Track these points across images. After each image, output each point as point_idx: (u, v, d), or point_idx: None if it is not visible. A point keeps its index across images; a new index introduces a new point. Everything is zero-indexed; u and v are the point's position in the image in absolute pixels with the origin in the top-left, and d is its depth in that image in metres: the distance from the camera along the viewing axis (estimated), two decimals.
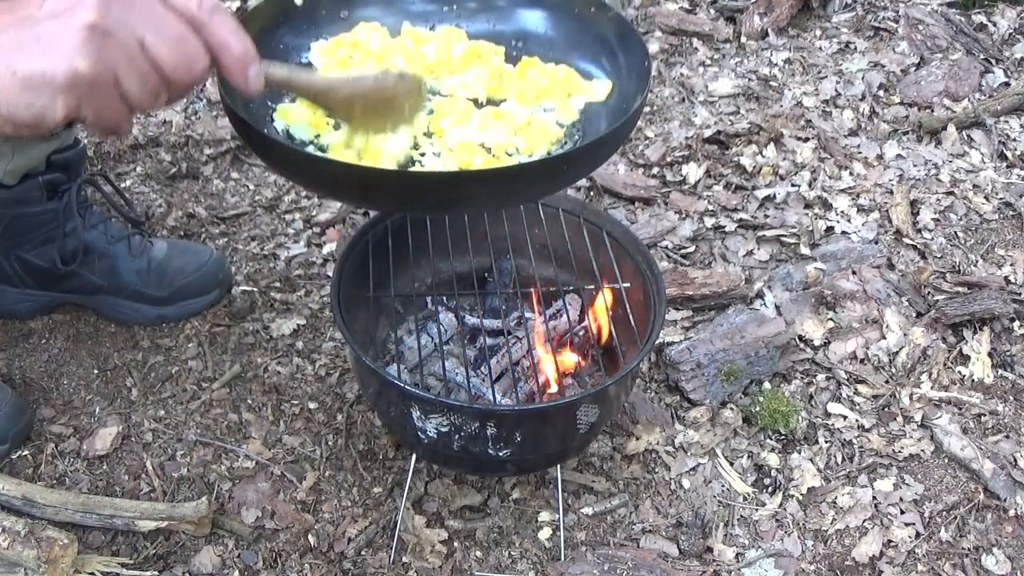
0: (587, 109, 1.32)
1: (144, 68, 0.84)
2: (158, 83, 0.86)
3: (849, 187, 2.39)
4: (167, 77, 0.86)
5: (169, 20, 0.86)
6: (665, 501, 1.72)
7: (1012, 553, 1.67)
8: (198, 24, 0.87)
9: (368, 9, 1.40)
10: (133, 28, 0.83)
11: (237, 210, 2.25)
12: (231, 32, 0.90)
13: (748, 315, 1.95)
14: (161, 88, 0.86)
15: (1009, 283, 2.14)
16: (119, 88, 0.83)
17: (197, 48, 0.88)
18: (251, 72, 0.92)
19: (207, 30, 0.88)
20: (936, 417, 1.87)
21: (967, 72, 2.72)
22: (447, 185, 1.08)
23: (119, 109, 0.85)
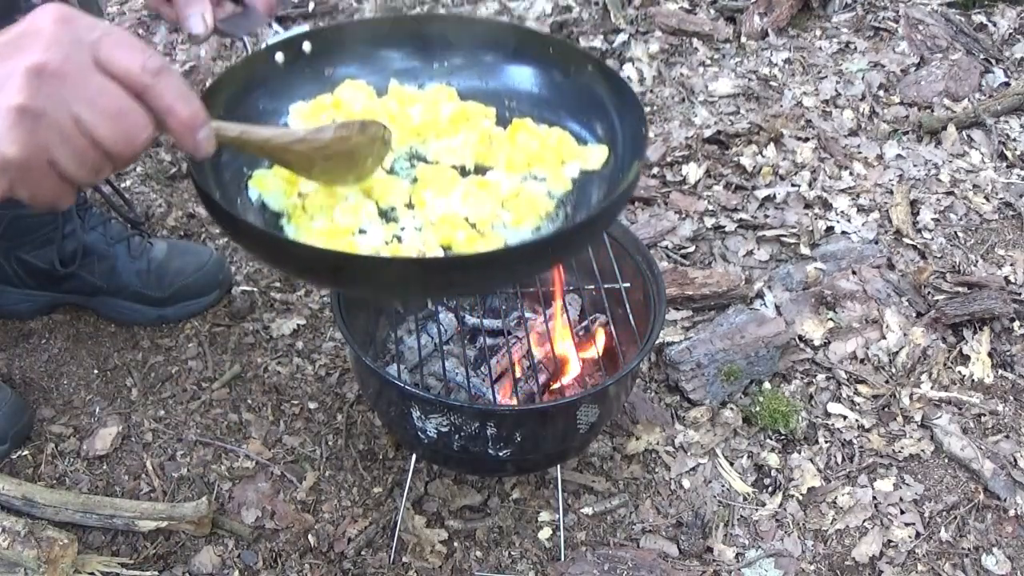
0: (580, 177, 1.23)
1: (81, 145, 0.79)
2: (98, 159, 0.81)
3: (849, 187, 2.39)
4: (107, 151, 0.81)
5: (107, 91, 0.80)
6: (665, 501, 1.72)
7: (1012, 553, 1.67)
8: (140, 88, 0.81)
9: (353, 66, 1.31)
10: (67, 104, 0.78)
11: None
12: (177, 95, 0.83)
13: (748, 315, 1.95)
14: (102, 163, 0.82)
15: (1009, 283, 2.14)
16: (55, 168, 0.79)
17: (139, 118, 0.82)
18: (200, 136, 0.87)
19: (150, 94, 0.82)
20: (936, 417, 1.87)
21: (967, 72, 2.72)
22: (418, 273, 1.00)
23: (56, 188, 0.81)
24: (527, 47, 1.32)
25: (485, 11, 2.95)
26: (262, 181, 1.16)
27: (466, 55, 1.33)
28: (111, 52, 0.80)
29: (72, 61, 0.78)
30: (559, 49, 1.30)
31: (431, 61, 1.34)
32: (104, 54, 0.80)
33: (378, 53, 1.32)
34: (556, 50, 1.30)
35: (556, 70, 1.30)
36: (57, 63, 0.78)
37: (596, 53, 2.81)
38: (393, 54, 1.33)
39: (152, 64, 0.82)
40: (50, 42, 0.78)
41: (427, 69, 1.34)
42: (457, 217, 1.14)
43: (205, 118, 0.87)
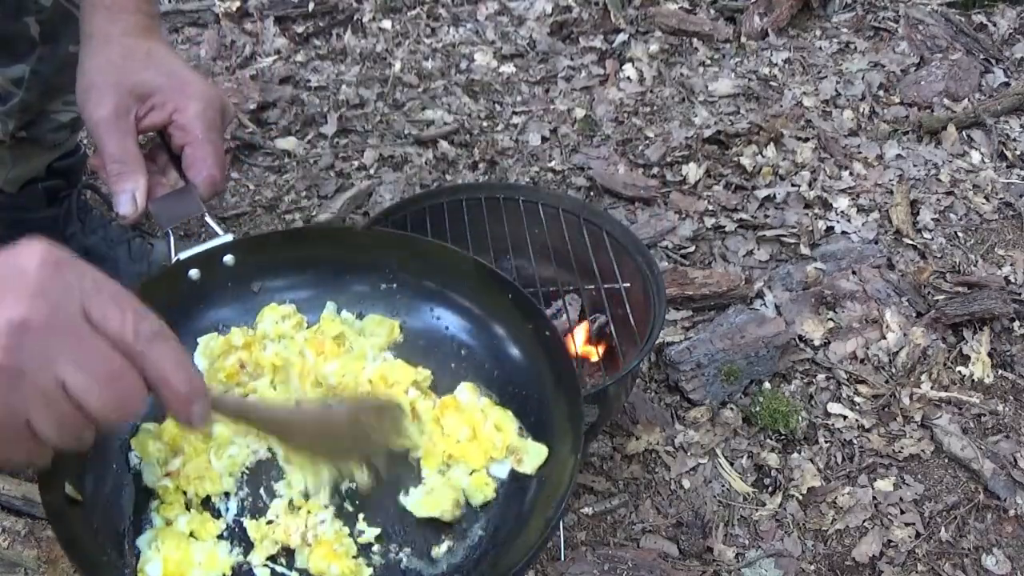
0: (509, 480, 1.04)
1: (64, 410, 0.70)
2: (81, 424, 0.71)
3: (849, 187, 2.39)
4: (93, 417, 0.71)
5: (99, 351, 0.70)
6: (665, 501, 1.72)
7: (1012, 553, 1.67)
8: (133, 355, 0.72)
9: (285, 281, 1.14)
10: (51, 364, 0.68)
11: (237, 210, 2.25)
12: (173, 365, 0.75)
13: (748, 315, 1.95)
14: (86, 428, 0.72)
15: (1009, 283, 2.14)
16: (31, 430, 0.70)
17: (133, 383, 0.73)
18: (195, 409, 0.77)
19: (143, 361, 0.73)
20: (936, 417, 1.87)
21: (967, 72, 2.71)
22: None
23: (31, 450, 0.72)
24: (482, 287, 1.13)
25: (485, 11, 2.95)
26: (143, 445, 1.01)
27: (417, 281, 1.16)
28: (103, 308, 0.71)
29: (60, 315, 0.69)
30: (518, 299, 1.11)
31: (379, 282, 1.16)
32: (95, 309, 0.71)
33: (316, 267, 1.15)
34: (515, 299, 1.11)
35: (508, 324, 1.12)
36: (42, 317, 0.68)
37: (596, 53, 2.82)
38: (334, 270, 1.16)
39: (146, 328, 0.73)
40: (36, 291, 0.69)
41: (372, 293, 1.15)
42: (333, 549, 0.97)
43: (202, 391, 0.78)
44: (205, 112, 1.09)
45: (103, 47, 1.12)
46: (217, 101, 1.12)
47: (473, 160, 2.43)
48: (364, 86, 2.65)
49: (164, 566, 0.92)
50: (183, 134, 1.09)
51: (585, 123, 2.58)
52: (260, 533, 0.98)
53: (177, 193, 1.10)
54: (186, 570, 0.93)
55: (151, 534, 0.97)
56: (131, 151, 1.08)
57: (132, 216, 1.07)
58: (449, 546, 0.98)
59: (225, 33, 2.79)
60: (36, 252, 0.70)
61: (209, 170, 1.09)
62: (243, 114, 2.51)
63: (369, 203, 2.27)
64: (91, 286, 0.72)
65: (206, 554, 0.95)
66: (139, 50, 1.12)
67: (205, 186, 1.09)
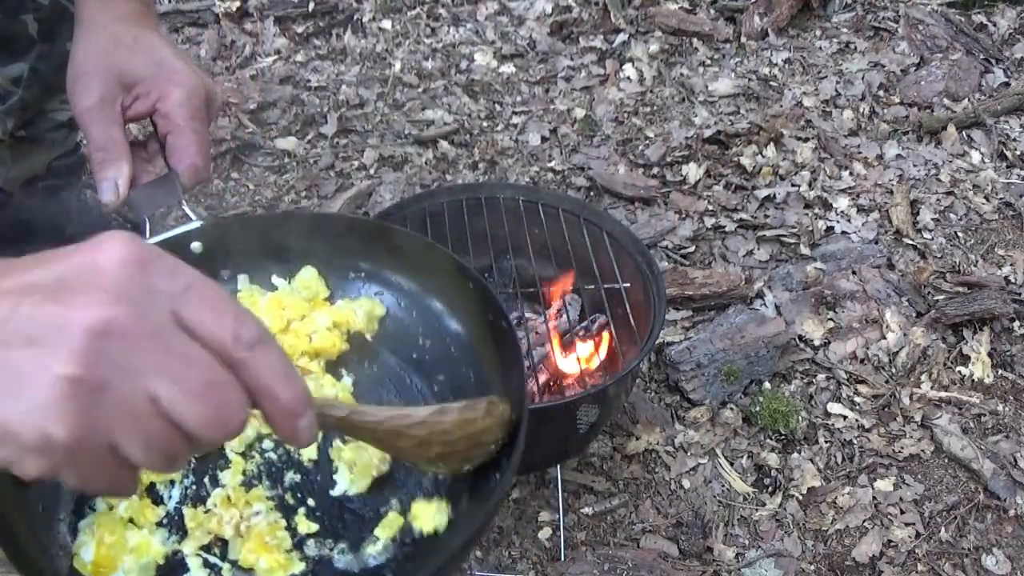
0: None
1: (155, 428, 0.60)
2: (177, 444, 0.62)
3: (849, 187, 2.39)
4: (192, 436, 0.61)
5: (194, 360, 0.61)
6: (665, 501, 1.72)
7: (1012, 553, 1.67)
8: (233, 364, 0.63)
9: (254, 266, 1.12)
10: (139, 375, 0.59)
11: (237, 210, 2.25)
12: (277, 374, 0.65)
13: (748, 315, 1.95)
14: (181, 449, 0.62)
15: (1009, 283, 2.14)
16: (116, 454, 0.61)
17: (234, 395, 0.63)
18: (302, 424, 0.67)
19: (246, 371, 0.64)
20: (936, 417, 1.87)
21: (967, 72, 2.71)
22: None
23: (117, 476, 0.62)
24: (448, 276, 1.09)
25: (485, 11, 2.95)
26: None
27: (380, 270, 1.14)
28: (199, 313, 0.62)
29: (148, 320, 0.60)
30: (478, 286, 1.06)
31: (347, 271, 1.14)
32: (189, 313, 0.62)
33: (286, 254, 1.12)
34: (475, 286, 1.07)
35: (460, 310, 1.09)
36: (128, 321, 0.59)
37: (596, 53, 2.82)
38: (303, 257, 1.13)
39: (248, 334, 0.63)
40: (119, 291, 0.59)
41: (342, 281, 1.13)
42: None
43: (309, 403, 0.68)
44: (189, 100, 1.08)
45: (92, 35, 1.12)
46: (202, 90, 1.10)
47: (473, 160, 2.43)
48: (364, 86, 2.65)
49: (96, 550, 0.90)
50: (166, 122, 1.08)
51: (585, 123, 2.58)
52: (195, 522, 0.97)
53: (158, 181, 1.10)
54: (118, 555, 0.90)
55: (91, 519, 0.94)
56: (116, 139, 1.07)
57: (113, 204, 1.06)
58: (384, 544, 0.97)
59: (225, 33, 2.79)
60: (117, 248, 0.61)
61: (191, 159, 1.07)
62: (243, 114, 2.51)
63: (369, 203, 2.27)
64: (182, 286, 0.62)
65: (139, 540, 0.92)
66: (127, 38, 1.11)
67: (187, 175, 1.08)
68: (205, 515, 0.98)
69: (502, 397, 0.97)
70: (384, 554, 0.97)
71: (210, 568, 0.95)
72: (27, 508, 0.92)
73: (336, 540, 0.98)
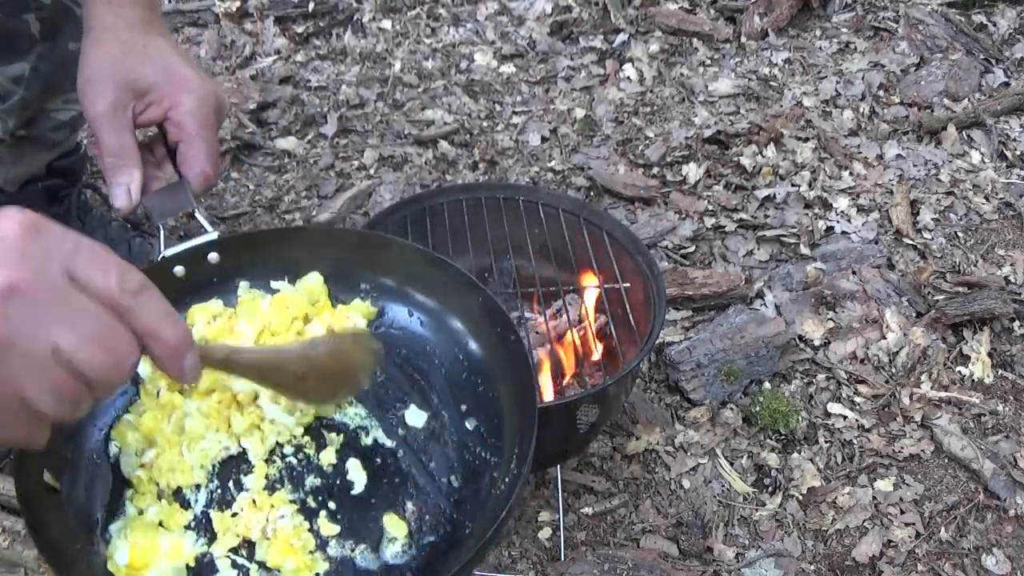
0: None
1: (60, 378, 0.68)
2: (78, 390, 0.70)
3: (849, 187, 2.39)
4: (91, 382, 0.70)
5: (87, 311, 0.69)
6: (665, 501, 1.72)
7: (1012, 553, 1.67)
8: (121, 311, 0.71)
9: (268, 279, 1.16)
10: (41, 330, 0.66)
11: (237, 210, 2.25)
12: (161, 317, 0.74)
13: (748, 315, 1.95)
14: (84, 395, 0.70)
15: (1009, 283, 2.14)
16: (26, 405, 0.68)
17: (125, 340, 0.71)
18: (186, 363, 0.77)
19: (131, 316, 0.72)
20: (936, 417, 1.87)
21: (967, 72, 2.71)
22: None
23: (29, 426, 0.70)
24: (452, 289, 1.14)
25: (485, 11, 2.95)
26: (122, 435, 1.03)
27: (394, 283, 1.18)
28: (86, 268, 0.70)
29: (44, 279, 0.67)
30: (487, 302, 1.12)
31: (358, 282, 1.18)
32: (79, 270, 0.69)
33: (300, 267, 1.17)
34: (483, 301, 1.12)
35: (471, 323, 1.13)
36: (27, 282, 0.66)
37: (596, 53, 2.82)
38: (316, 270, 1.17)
39: (131, 283, 0.72)
40: (17, 257, 0.66)
41: (353, 293, 1.18)
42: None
43: (191, 342, 0.78)
44: (200, 109, 1.11)
45: (103, 41, 1.13)
46: (212, 98, 1.13)
47: (473, 160, 2.43)
48: (364, 86, 2.65)
49: (131, 554, 0.94)
50: (177, 130, 1.11)
51: (585, 123, 2.58)
52: (224, 525, 1.00)
53: (170, 188, 1.12)
54: (151, 558, 0.94)
55: (122, 522, 0.98)
56: (128, 145, 1.09)
57: (126, 209, 1.09)
58: (402, 546, 1.01)
59: (225, 33, 2.79)
60: (13, 218, 0.68)
61: (202, 166, 1.10)
62: (243, 114, 2.51)
63: (369, 203, 2.27)
64: (71, 247, 0.70)
65: (171, 544, 0.96)
66: (138, 45, 1.13)
67: (198, 182, 1.11)
68: (232, 518, 1.00)
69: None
70: (404, 555, 1.00)
71: (238, 569, 0.97)
72: (62, 512, 0.94)
73: (357, 541, 1.01)
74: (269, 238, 1.23)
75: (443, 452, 1.08)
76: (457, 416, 1.11)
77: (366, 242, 1.21)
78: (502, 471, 1.03)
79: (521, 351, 1.07)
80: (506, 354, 1.09)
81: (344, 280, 1.17)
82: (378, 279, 1.18)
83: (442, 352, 1.15)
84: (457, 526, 1.02)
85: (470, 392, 1.11)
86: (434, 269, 1.17)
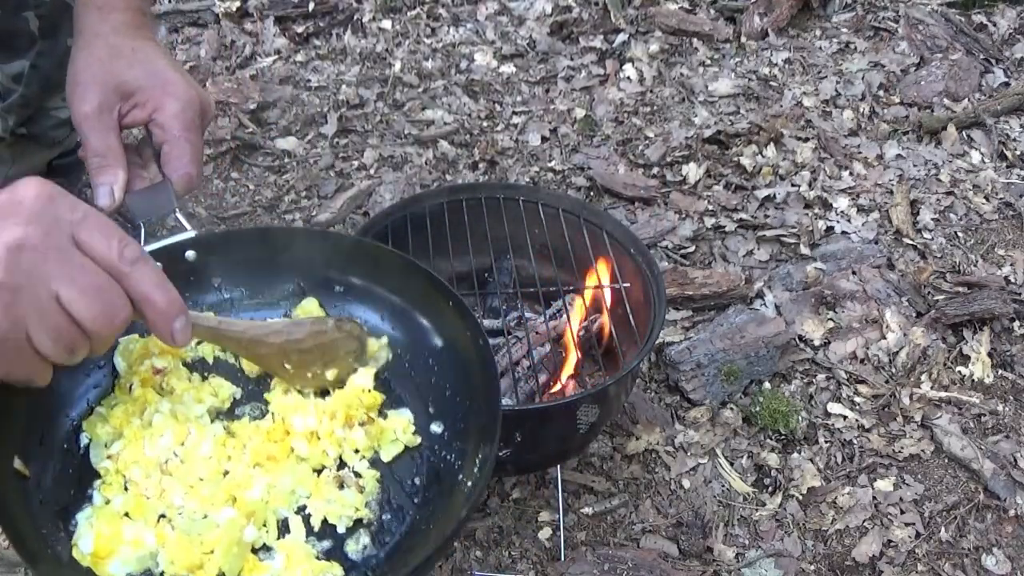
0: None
1: (59, 323, 0.79)
2: (75, 336, 0.81)
3: (849, 187, 2.39)
4: (87, 330, 0.80)
5: (87, 269, 0.80)
6: (665, 501, 1.72)
7: (1012, 553, 1.67)
8: (119, 275, 0.82)
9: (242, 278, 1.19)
10: (46, 280, 0.78)
11: (237, 210, 2.25)
12: (154, 284, 0.84)
13: (748, 315, 1.95)
14: (79, 341, 0.81)
15: (1009, 283, 2.14)
16: (30, 344, 0.79)
17: (118, 297, 0.82)
18: (176, 325, 0.87)
19: (128, 282, 0.82)
20: (936, 417, 1.87)
21: (967, 72, 2.71)
22: None
23: (32, 365, 0.81)
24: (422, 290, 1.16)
25: (485, 11, 2.95)
26: (93, 427, 1.07)
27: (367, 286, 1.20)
28: (91, 234, 0.81)
29: (52, 238, 0.79)
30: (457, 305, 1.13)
31: (331, 285, 1.21)
32: (84, 235, 0.80)
33: (275, 267, 1.20)
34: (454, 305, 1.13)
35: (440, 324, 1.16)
36: (37, 239, 0.78)
37: (596, 53, 2.82)
38: (291, 270, 1.21)
39: (130, 253, 0.82)
40: (30, 217, 0.78)
41: (326, 294, 1.20)
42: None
43: (182, 308, 0.87)
44: (184, 112, 1.14)
45: (91, 45, 1.16)
46: (197, 101, 1.16)
47: (473, 160, 2.43)
48: (364, 86, 2.65)
49: (96, 541, 0.97)
50: (162, 132, 1.14)
51: (585, 123, 2.58)
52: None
53: (152, 188, 1.14)
54: (115, 547, 0.97)
55: (89, 511, 1.02)
56: (112, 146, 1.12)
57: (108, 208, 1.12)
58: (363, 545, 1.03)
59: (225, 33, 2.79)
60: (32, 186, 0.80)
61: (185, 168, 1.13)
62: (243, 114, 2.51)
63: (369, 203, 2.27)
64: (80, 216, 0.81)
65: (135, 533, 0.99)
66: (126, 49, 1.16)
67: (180, 183, 1.14)
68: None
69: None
70: (365, 552, 1.02)
71: None
72: (27, 500, 0.97)
73: (319, 538, 1.03)
74: (244, 237, 1.29)
75: (409, 455, 1.10)
76: (424, 419, 1.13)
77: (339, 244, 1.24)
78: (466, 473, 1.05)
79: (488, 356, 1.09)
80: (476, 358, 1.10)
81: (317, 281, 1.20)
82: (349, 280, 1.20)
83: (412, 356, 1.17)
84: (418, 525, 1.04)
85: (439, 395, 1.13)
86: (405, 271, 1.19)
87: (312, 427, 1.08)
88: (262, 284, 1.21)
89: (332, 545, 1.02)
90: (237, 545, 0.98)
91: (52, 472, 1.03)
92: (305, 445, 1.07)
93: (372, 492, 1.06)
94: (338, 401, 1.10)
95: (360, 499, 1.04)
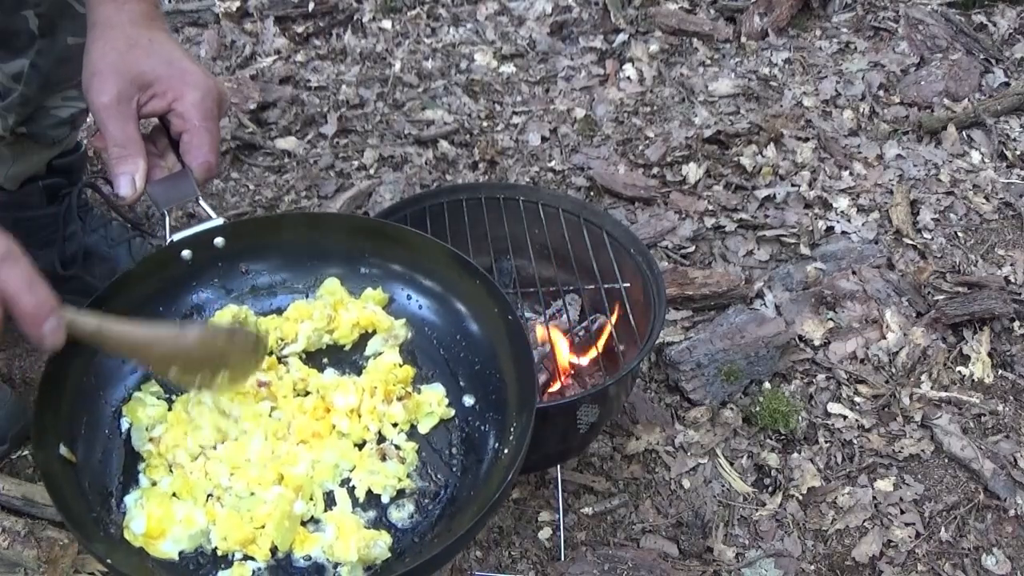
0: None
1: None
2: None
3: (849, 187, 2.39)
4: None
5: None
6: (665, 501, 1.72)
7: (1012, 553, 1.67)
8: None
9: (270, 264, 1.23)
10: None
11: (237, 210, 2.25)
12: (21, 284, 0.84)
13: (748, 315, 1.95)
14: None
15: (1009, 283, 2.14)
16: None
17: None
18: (46, 327, 0.86)
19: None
20: (936, 417, 1.87)
21: (967, 72, 2.71)
22: None
23: None
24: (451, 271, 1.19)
25: (485, 11, 2.95)
26: (133, 411, 1.10)
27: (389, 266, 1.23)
28: None
29: None
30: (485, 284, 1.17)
31: (357, 266, 1.24)
32: None
33: (300, 251, 1.23)
34: (482, 283, 1.17)
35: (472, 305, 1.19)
36: None
37: (596, 53, 2.82)
38: (317, 253, 1.24)
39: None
40: None
41: (352, 275, 1.23)
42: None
43: (51, 309, 0.86)
44: (203, 101, 1.14)
45: (108, 35, 1.16)
46: (214, 91, 1.16)
47: (473, 160, 2.43)
48: (364, 86, 2.65)
49: (147, 522, 1.00)
50: (181, 121, 1.14)
51: (585, 123, 2.58)
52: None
53: (174, 177, 1.16)
54: (167, 527, 1.00)
55: (137, 493, 1.04)
56: (132, 136, 1.12)
57: (131, 197, 1.12)
58: (409, 513, 1.06)
59: (225, 33, 2.79)
60: None
61: (205, 156, 1.14)
62: (243, 114, 2.51)
63: (369, 203, 2.27)
64: None
65: (186, 512, 1.02)
66: (142, 39, 1.16)
67: (201, 171, 1.14)
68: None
69: None
70: (411, 520, 1.07)
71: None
72: (78, 484, 1.01)
73: (364, 508, 1.07)
74: (272, 224, 1.29)
75: (444, 426, 1.14)
76: (456, 392, 1.16)
77: (365, 228, 1.26)
78: (503, 442, 1.08)
79: (520, 329, 1.12)
80: (505, 332, 1.14)
81: (343, 263, 1.23)
82: (379, 263, 1.23)
83: (441, 333, 1.20)
84: (460, 492, 1.08)
85: (468, 370, 1.17)
86: (432, 252, 1.21)
87: (352, 404, 1.11)
88: (289, 269, 1.23)
89: (377, 515, 1.06)
90: (288, 519, 1.00)
91: (97, 457, 1.06)
92: (347, 421, 1.10)
93: (412, 463, 1.10)
94: (374, 377, 1.14)
95: (403, 469, 1.08)
